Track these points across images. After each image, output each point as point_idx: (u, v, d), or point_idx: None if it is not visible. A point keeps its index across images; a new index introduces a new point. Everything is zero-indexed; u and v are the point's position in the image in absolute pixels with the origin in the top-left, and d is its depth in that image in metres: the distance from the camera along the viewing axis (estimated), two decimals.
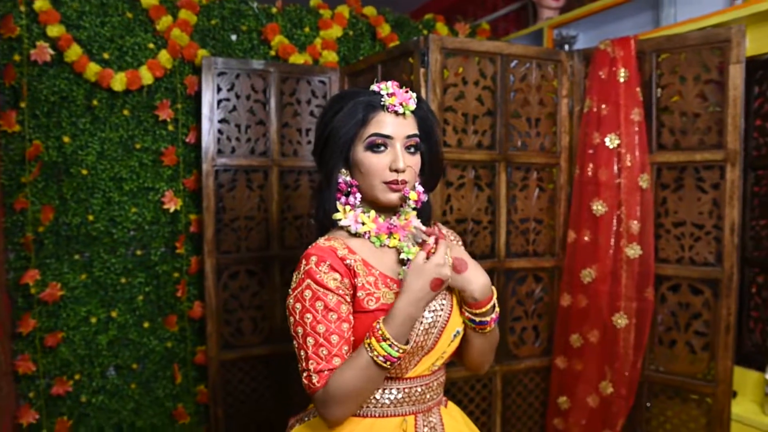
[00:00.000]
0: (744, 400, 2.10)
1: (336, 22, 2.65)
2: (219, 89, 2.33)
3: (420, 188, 1.23)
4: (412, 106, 1.18)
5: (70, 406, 2.32)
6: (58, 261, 2.28)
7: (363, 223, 1.20)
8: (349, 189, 1.21)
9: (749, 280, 2.18)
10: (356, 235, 1.21)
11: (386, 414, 1.17)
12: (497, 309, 1.21)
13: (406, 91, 1.18)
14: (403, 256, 1.19)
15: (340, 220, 1.21)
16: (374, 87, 1.19)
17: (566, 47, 2.81)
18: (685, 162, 1.99)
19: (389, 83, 1.18)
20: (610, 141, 2.05)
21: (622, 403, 2.05)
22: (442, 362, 1.24)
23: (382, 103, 1.17)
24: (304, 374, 1.11)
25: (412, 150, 1.19)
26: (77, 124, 2.29)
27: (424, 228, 1.19)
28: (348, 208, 1.21)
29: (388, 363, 1.06)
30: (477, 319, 1.18)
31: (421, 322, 1.15)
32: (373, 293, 1.15)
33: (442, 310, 1.19)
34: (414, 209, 1.24)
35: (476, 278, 1.15)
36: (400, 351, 1.06)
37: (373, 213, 1.22)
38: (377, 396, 1.17)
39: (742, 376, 2.10)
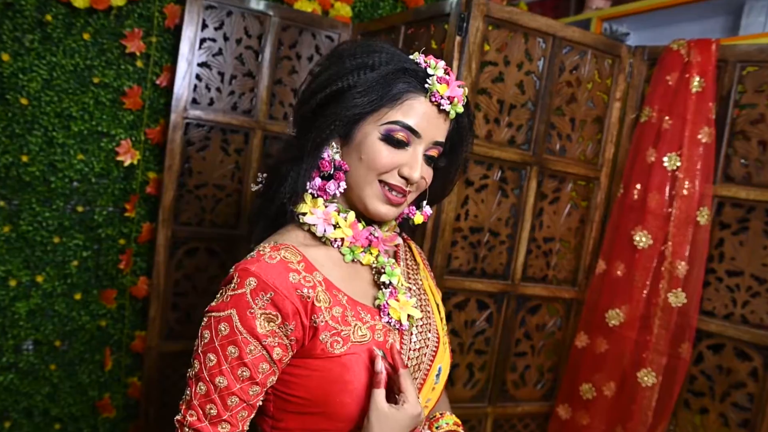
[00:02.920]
0: None
1: None
2: (205, 26, 1.90)
3: (428, 209, 0.95)
4: (461, 107, 0.86)
5: None
6: None
7: (336, 226, 0.86)
8: (331, 172, 0.86)
9: None
10: (321, 239, 0.87)
11: None
12: None
13: (460, 85, 0.85)
14: (384, 278, 0.87)
15: (304, 214, 0.86)
16: (419, 59, 0.86)
17: None
18: (755, 201, 1.65)
19: (441, 63, 0.85)
20: (669, 161, 1.69)
21: None
22: (428, 412, 0.94)
23: (427, 86, 0.83)
24: (177, 416, 0.84)
25: (429, 160, 0.88)
26: (22, 41, 1.84)
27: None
28: (321, 201, 0.87)
29: None
30: None
31: None
32: (340, 331, 0.82)
33: (426, 346, 0.89)
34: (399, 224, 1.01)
35: None
36: None
37: (352, 215, 0.87)
38: None
39: None
